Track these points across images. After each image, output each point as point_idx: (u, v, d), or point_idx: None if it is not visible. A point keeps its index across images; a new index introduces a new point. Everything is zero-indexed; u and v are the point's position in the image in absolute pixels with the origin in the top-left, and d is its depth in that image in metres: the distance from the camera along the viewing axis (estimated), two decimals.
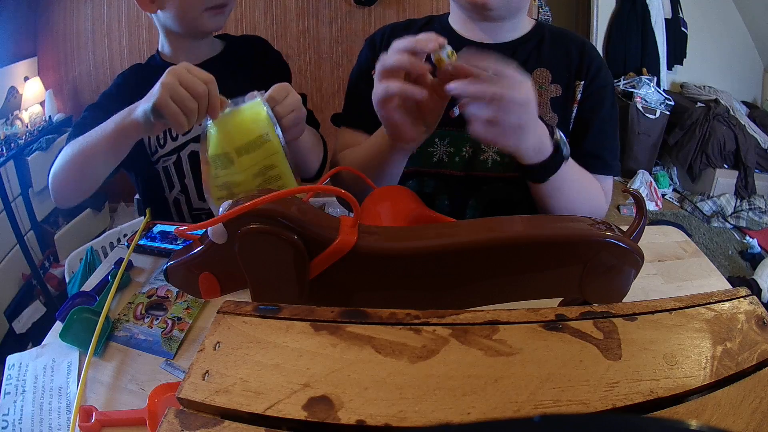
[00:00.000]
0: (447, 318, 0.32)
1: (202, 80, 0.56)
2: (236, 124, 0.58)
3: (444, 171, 0.82)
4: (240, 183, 0.57)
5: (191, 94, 0.56)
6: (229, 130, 0.57)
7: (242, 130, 0.57)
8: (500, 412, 0.26)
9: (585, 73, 0.79)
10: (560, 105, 0.79)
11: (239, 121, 0.58)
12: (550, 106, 0.79)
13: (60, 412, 0.52)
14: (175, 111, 0.55)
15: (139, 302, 0.67)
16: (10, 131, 1.91)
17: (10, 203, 1.78)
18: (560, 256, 0.44)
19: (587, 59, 0.80)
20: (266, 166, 0.58)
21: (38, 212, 1.96)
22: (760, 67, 3.04)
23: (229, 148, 0.57)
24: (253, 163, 0.57)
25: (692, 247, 0.80)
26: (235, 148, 0.57)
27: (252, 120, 0.58)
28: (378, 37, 0.88)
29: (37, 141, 1.95)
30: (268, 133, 0.58)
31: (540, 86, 0.79)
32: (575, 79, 0.80)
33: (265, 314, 0.33)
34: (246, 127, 0.57)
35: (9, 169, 1.81)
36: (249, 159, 0.57)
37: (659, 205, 2.69)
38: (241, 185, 0.57)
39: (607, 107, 0.80)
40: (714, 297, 0.36)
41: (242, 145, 0.57)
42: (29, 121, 2.06)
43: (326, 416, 0.26)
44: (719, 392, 0.29)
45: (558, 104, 0.79)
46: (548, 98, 0.79)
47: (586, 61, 0.80)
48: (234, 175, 0.57)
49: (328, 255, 0.41)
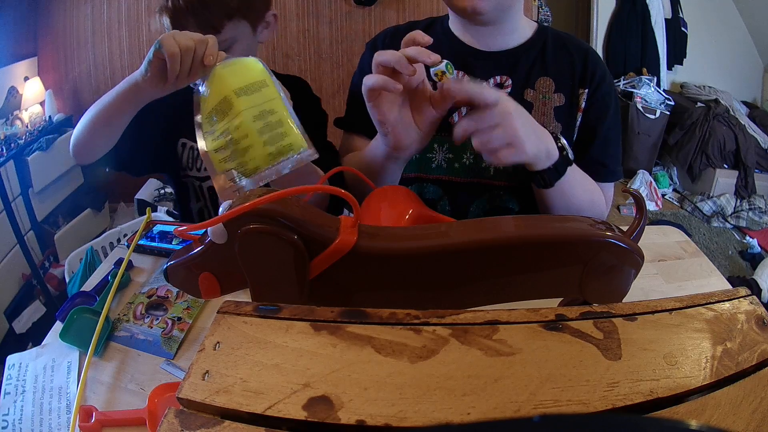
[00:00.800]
0: (447, 318, 0.32)
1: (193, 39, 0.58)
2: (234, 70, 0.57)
3: (443, 177, 0.82)
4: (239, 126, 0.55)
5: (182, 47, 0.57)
6: (226, 76, 0.57)
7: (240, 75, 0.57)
8: (500, 412, 0.26)
9: (589, 81, 0.79)
10: (564, 114, 0.79)
11: (237, 68, 0.58)
12: (553, 115, 0.79)
13: (60, 412, 0.52)
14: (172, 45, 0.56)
15: (139, 302, 0.67)
16: (10, 131, 1.91)
17: (10, 203, 1.78)
18: (560, 256, 0.44)
19: (591, 67, 0.79)
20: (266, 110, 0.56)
21: (38, 212, 1.96)
22: (760, 67, 3.04)
23: (227, 91, 0.56)
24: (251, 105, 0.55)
25: (692, 247, 0.80)
26: (234, 90, 0.55)
27: (249, 67, 0.58)
28: (380, 40, 0.87)
29: (37, 141, 1.95)
30: (265, 80, 0.57)
31: (543, 96, 0.79)
32: (579, 87, 0.80)
33: (265, 314, 0.33)
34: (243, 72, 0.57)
35: (9, 169, 1.81)
36: (248, 100, 0.55)
37: (659, 205, 2.69)
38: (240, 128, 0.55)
39: (611, 115, 0.81)
40: (714, 297, 0.36)
41: (240, 87, 0.56)
42: (29, 121, 2.06)
43: (326, 416, 0.26)
44: (719, 392, 0.29)
45: (562, 113, 0.79)
46: (552, 107, 0.79)
47: (589, 69, 0.79)
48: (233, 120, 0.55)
49: (328, 255, 0.41)
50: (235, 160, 0.54)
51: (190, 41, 0.57)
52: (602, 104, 0.79)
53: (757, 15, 2.83)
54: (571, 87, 0.80)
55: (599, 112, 0.79)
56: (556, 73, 0.79)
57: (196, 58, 0.58)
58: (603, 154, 0.80)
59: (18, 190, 1.86)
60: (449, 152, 0.81)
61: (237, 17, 0.79)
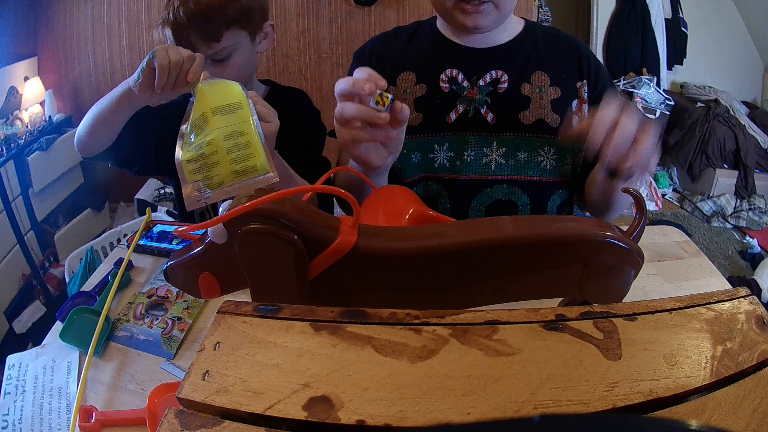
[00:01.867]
0: (447, 318, 0.32)
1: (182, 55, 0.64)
2: (215, 90, 0.63)
3: (446, 175, 0.83)
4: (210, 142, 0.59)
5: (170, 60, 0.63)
6: (208, 94, 0.62)
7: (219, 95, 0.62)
8: (500, 412, 0.26)
9: (586, 73, 0.81)
10: (561, 106, 0.80)
11: (218, 88, 0.63)
12: (551, 108, 0.79)
13: (60, 412, 0.52)
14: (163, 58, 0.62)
15: (139, 302, 0.67)
16: (10, 131, 1.91)
17: (10, 203, 1.78)
18: (560, 256, 0.44)
19: (585, 59, 0.81)
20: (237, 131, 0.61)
21: (38, 212, 1.96)
22: (760, 67, 3.03)
23: (206, 108, 0.61)
24: (225, 125, 0.60)
25: (692, 247, 0.80)
26: (211, 108, 0.61)
27: (229, 89, 0.63)
28: (367, 50, 0.88)
29: (37, 141, 1.95)
30: (241, 103, 0.62)
31: (540, 89, 0.80)
32: (576, 80, 0.81)
33: (265, 314, 0.33)
34: (223, 93, 0.63)
35: (9, 169, 1.81)
36: (222, 120, 0.60)
37: (659, 205, 2.69)
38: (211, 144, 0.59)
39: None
40: (714, 297, 0.36)
41: (217, 107, 0.61)
42: (29, 121, 2.06)
43: (326, 416, 0.26)
44: (719, 392, 0.29)
45: (559, 106, 0.80)
46: (548, 100, 0.80)
47: (584, 62, 0.81)
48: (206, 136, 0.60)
49: (328, 255, 0.41)
50: (202, 172, 0.59)
51: (179, 56, 0.63)
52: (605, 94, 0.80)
53: (757, 15, 2.83)
54: (565, 80, 0.80)
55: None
56: (550, 68, 0.80)
57: (182, 72, 0.64)
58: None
59: (18, 190, 1.86)
60: (450, 150, 0.82)
61: (235, 27, 0.82)
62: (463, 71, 0.81)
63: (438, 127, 0.81)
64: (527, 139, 0.79)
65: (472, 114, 0.80)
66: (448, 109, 0.81)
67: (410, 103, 0.82)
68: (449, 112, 0.81)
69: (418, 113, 0.82)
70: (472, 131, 0.80)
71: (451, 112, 0.81)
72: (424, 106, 0.82)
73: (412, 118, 0.81)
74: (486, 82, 0.80)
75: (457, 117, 0.81)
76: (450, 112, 0.81)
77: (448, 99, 0.81)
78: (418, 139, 0.82)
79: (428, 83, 0.82)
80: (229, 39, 0.82)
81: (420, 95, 0.82)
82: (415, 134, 0.81)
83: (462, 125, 0.80)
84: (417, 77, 0.82)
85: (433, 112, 0.81)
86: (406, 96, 0.82)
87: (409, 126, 0.81)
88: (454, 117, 0.81)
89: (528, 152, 0.79)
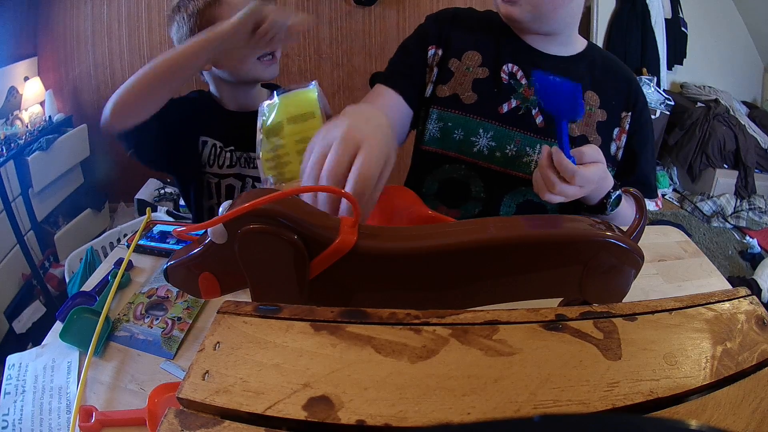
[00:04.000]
0: (447, 318, 0.32)
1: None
2: (293, 100, 0.72)
3: (481, 163, 0.83)
4: (283, 146, 0.70)
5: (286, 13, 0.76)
6: (287, 104, 0.71)
7: (296, 105, 0.71)
8: (500, 412, 0.26)
9: (632, 105, 0.84)
10: (604, 129, 0.83)
11: (295, 99, 0.72)
12: (595, 128, 0.83)
13: (60, 412, 0.52)
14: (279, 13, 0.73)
15: (139, 302, 0.67)
16: (10, 131, 1.91)
17: (10, 203, 1.78)
18: (560, 256, 0.44)
19: (634, 93, 0.85)
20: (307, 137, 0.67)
21: (38, 212, 1.96)
22: (760, 67, 3.03)
23: (283, 117, 0.71)
24: (297, 131, 0.70)
25: (692, 247, 0.80)
26: (287, 118, 0.70)
27: (304, 99, 0.72)
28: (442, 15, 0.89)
29: (37, 141, 1.94)
30: (314, 112, 0.70)
31: (590, 108, 0.82)
32: (622, 110, 0.84)
33: (265, 314, 0.33)
34: (299, 103, 0.71)
35: (9, 169, 1.80)
36: (295, 128, 0.70)
37: (659, 205, 2.69)
38: (284, 147, 0.70)
39: (651, 140, 0.87)
40: (714, 297, 0.36)
41: (292, 116, 0.70)
42: (29, 121, 2.05)
43: (326, 416, 0.26)
44: (719, 392, 0.29)
45: (602, 128, 0.83)
46: (595, 121, 0.83)
47: (633, 95, 0.84)
48: (281, 139, 0.70)
49: (328, 255, 0.41)
50: (276, 169, 0.70)
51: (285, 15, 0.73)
52: (646, 130, 0.85)
53: (757, 15, 2.83)
54: (613, 107, 0.84)
55: (643, 137, 0.85)
56: (601, 90, 0.83)
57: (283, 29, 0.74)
58: (646, 174, 0.86)
59: (18, 190, 1.86)
60: (493, 140, 0.82)
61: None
62: (522, 69, 0.83)
63: (488, 113, 0.82)
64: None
65: (524, 112, 0.82)
66: (502, 99, 0.82)
67: (468, 82, 0.83)
68: (503, 103, 0.82)
69: (474, 93, 0.83)
70: (519, 128, 0.82)
71: (504, 103, 0.82)
72: (482, 90, 0.83)
73: (466, 95, 0.83)
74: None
75: (509, 110, 0.82)
76: (503, 104, 0.82)
77: (505, 90, 0.82)
78: (466, 117, 0.83)
79: (491, 69, 0.83)
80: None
81: (481, 77, 0.83)
82: (465, 112, 0.83)
83: (511, 119, 0.82)
84: (482, 60, 0.84)
85: (488, 97, 0.83)
86: (467, 74, 0.84)
87: (462, 103, 0.83)
88: (506, 109, 0.82)
89: None
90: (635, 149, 0.85)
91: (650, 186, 0.87)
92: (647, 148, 0.86)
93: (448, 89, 0.83)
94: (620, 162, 0.86)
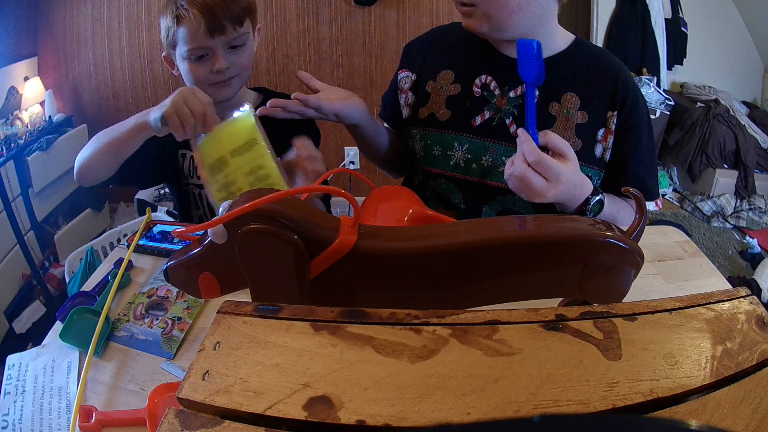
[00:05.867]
0: (447, 318, 0.32)
1: (202, 103, 0.69)
2: (228, 132, 0.68)
3: (459, 176, 0.85)
4: (234, 182, 0.67)
5: (192, 111, 0.68)
6: (223, 138, 0.68)
7: (234, 137, 0.68)
8: (500, 412, 0.26)
9: (620, 104, 0.80)
10: (585, 132, 0.81)
11: (231, 130, 0.68)
12: (575, 131, 0.80)
13: (60, 412, 0.52)
14: (176, 123, 0.68)
15: (139, 302, 0.67)
16: (10, 131, 1.91)
17: (10, 203, 1.78)
18: (560, 256, 0.44)
19: (622, 91, 0.80)
20: (256, 165, 0.67)
21: (38, 212, 1.96)
22: (760, 67, 3.03)
23: (224, 152, 0.68)
24: (244, 163, 0.67)
25: (692, 247, 0.80)
26: (229, 152, 0.67)
27: (241, 127, 0.68)
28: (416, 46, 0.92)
29: (37, 141, 1.94)
30: (255, 138, 0.68)
31: (567, 111, 0.80)
32: (607, 110, 0.81)
33: (265, 314, 0.33)
34: (237, 134, 0.68)
35: (9, 169, 1.80)
36: (240, 160, 0.67)
37: (659, 205, 2.69)
38: (235, 183, 0.67)
39: (645, 140, 0.82)
40: (714, 297, 0.36)
41: (234, 149, 0.67)
42: (29, 121, 2.05)
43: (326, 416, 0.26)
44: (719, 392, 0.29)
45: (583, 131, 0.80)
46: (574, 123, 0.80)
47: (620, 93, 0.80)
48: (228, 176, 0.68)
49: (328, 255, 0.41)
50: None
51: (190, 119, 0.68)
52: (637, 130, 0.81)
53: (757, 15, 2.83)
54: (596, 106, 0.80)
55: (633, 139, 0.81)
56: (583, 91, 0.80)
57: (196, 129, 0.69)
58: (639, 177, 0.82)
59: (18, 190, 1.86)
60: (468, 152, 0.83)
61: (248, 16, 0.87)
62: (496, 79, 0.82)
63: (462, 127, 0.83)
64: None
65: (497, 122, 0.82)
66: (475, 112, 0.83)
67: (442, 100, 0.85)
68: (476, 115, 0.83)
69: (447, 110, 0.85)
70: (493, 139, 0.82)
71: (477, 116, 0.83)
72: (455, 105, 0.84)
73: (441, 113, 0.85)
74: (516, 94, 0.82)
75: (482, 122, 0.83)
76: (476, 116, 0.83)
77: (477, 103, 0.83)
78: (442, 133, 0.85)
79: (463, 84, 0.84)
80: (246, 26, 0.87)
81: (453, 94, 0.85)
82: (440, 128, 0.85)
83: (485, 131, 0.82)
84: (455, 76, 0.85)
85: (461, 112, 0.84)
86: (441, 92, 0.85)
87: (437, 120, 0.85)
88: (479, 121, 0.83)
89: None
90: (625, 150, 0.81)
91: (646, 188, 0.83)
92: (640, 148, 0.82)
93: (426, 110, 0.86)
94: (609, 164, 0.82)
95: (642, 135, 0.82)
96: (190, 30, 0.80)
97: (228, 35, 0.82)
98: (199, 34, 0.80)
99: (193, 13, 0.80)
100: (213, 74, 0.83)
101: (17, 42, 2.10)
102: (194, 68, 0.84)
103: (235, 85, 0.88)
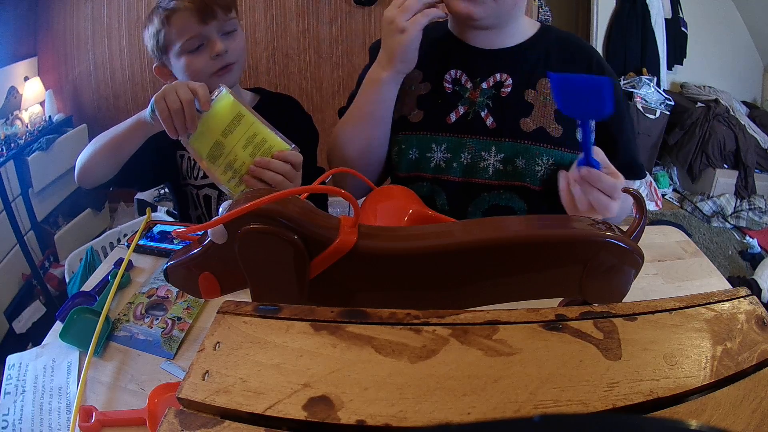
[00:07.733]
0: (447, 318, 0.32)
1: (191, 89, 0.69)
2: (213, 117, 0.70)
3: (441, 176, 0.82)
4: (235, 158, 0.69)
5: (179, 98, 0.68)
6: (210, 124, 0.69)
7: (220, 119, 0.69)
8: (500, 412, 0.26)
9: None
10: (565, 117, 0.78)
11: (214, 113, 0.70)
12: (553, 117, 0.79)
13: (60, 412, 0.52)
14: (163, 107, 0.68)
15: (139, 302, 0.67)
16: (10, 131, 1.91)
17: (10, 203, 1.78)
18: (560, 256, 0.44)
19: (597, 71, 0.79)
20: (250, 135, 0.70)
21: (38, 212, 1.96)
22: (760, 67, 3.03)
23: (216, 136, 0.69)
24: (238, 138, 0.69)
25: (692, 247, 0.80)
26: (220, 133, 0.69)
27: (223, 107, 0.70)
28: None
29: (37, 141, 1.94)
30: (239, 112, 0.69)
31: (545, 97, 0.79)
32: None
33: (265, 314, 0.33)
34: (221, 115, 0.69)
35: (9, 169, 1.80)
36: (234, 136, 0.69)
37: (659, 205, 2.69)
38: (237, 159, 0.69)
39: (626, 117, 0.82)
40: (714, 297, 0.36)
41: (224, 129, 0.69)
42: (29, 121, 2.05)
43: (326, 416, 0.26)
44: (719, 392, 0.29)
45: (562, 116, 0.78)
46: (552, 109, 0.79)
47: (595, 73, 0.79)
48: (228, 156, 0.69)
49: (328, 255, 0.41)
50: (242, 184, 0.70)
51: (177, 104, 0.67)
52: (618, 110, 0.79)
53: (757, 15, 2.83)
54: None
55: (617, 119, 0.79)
56: None
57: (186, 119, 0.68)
58: (629, 156, 0.81)
59: (18, 190, 1.86)
60: (447, 152, 0.81)
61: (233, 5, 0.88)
62: (467, 72, 0.81)
63: (437, 126, 0.81)
64: (526, 147, 0.78)
65: (472, 117, 0.80)
66: (449, 109, 0.81)
67: (413, 101, 0.82)
68: (450, 112, 0.81)
69: (420, 110, 0.82)
70: (470, 134, 0.80)
71: (451, 113, 0.81)
72: (426, 105, 0.82)
73: (413, 114, 0.82)
74: (489, 85, 0.80)
75: (457, 118, 0.80)
76: (450, 113, 0.81)
77: (450, 99, 0.81)
78: (417, 135, 0.82)
79: (433, 82, 0.82)
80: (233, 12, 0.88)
81: (423, 93, 0.82)
82: (414, 131, 0.82)
83: (461, 127, 0.80)
84: (423, 75, 0.83)
85: (434, 111, 0.81)
86: (410, 92, 0.83)
87: (410, 122, 0.82)
88: (454, 118, 0.81)
89: (526, 160, 0.78)
90: (612, 131, 0.79)
91: (637, 167, 0.83)
92: (625, 126, 0.81)
93: (396, 113, 0.82)
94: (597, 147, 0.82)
95: (624, 113, 0.81)
96: (183, 22, 0.82)
97: (220, 20, 0.83)
98: (193, 23, 0.81)
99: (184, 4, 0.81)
100: (213, 60, 0.83)
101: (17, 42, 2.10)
102: (193, 60, 0.84)
103: (235, 72, 0.88)
